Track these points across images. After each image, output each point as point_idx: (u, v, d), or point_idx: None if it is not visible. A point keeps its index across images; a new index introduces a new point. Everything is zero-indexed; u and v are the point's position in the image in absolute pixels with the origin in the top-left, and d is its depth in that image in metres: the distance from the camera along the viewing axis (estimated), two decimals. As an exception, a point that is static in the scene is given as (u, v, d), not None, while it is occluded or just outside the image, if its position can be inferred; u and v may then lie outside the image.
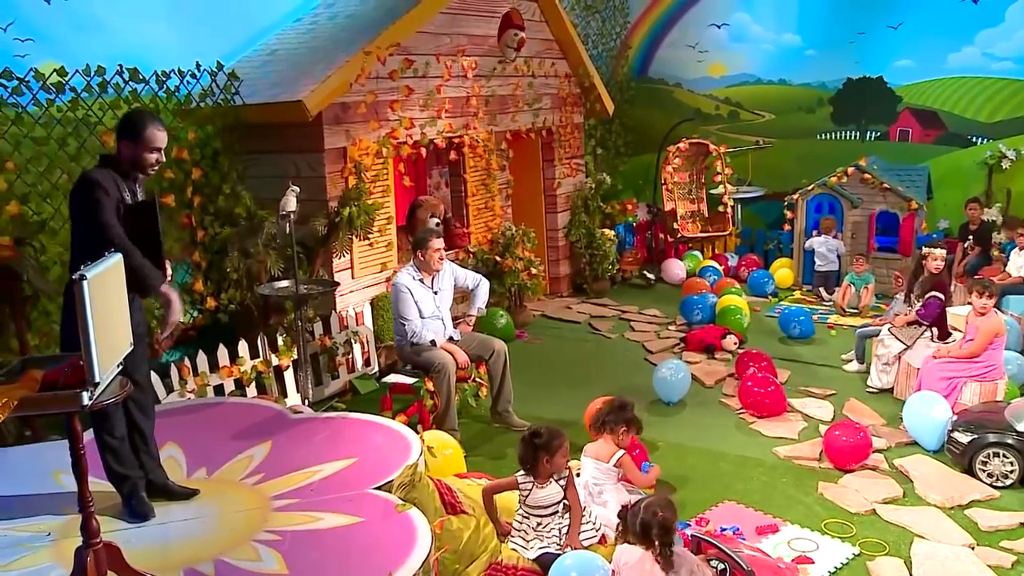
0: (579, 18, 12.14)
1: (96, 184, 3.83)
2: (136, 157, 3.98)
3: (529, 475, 4.40)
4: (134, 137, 3.96)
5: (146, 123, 4.00)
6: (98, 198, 3.79)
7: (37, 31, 7.00)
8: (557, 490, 4.38)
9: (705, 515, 4.97)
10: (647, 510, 3.67)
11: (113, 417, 4.16)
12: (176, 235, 6.70)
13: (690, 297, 9.00)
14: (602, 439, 4.85)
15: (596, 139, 11.72)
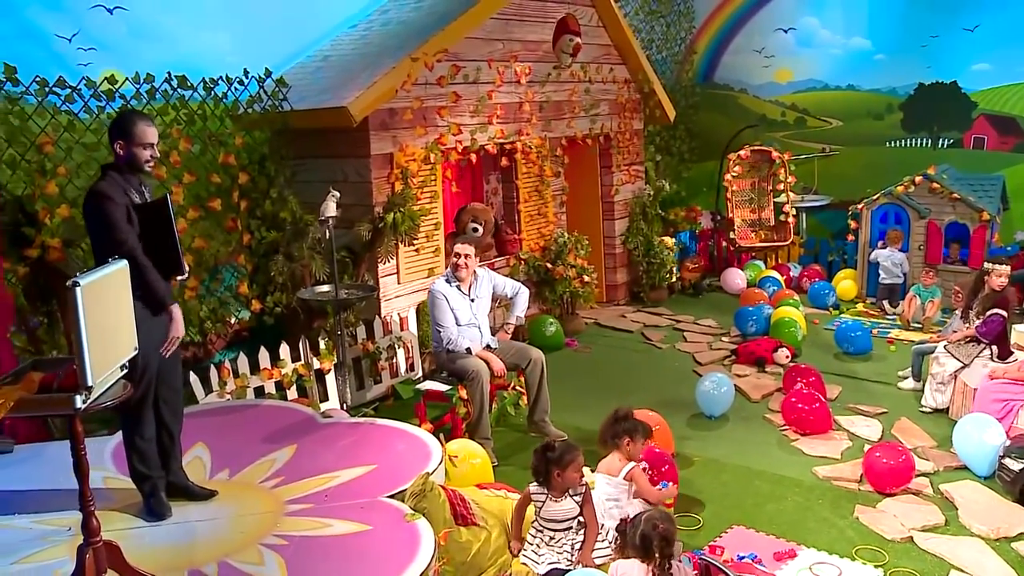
0: (643, 22, 12.00)
1: (103, 196, 3.94)
2: (130, 156, 4.09)
3: (543, 488, 4.33)
4: (125, 136, 4.08)
5: (135, 120, 4.14)
6: (108, 211, 3.91)
7: (100, 40, 7.26)
8: (572, 505, 4.29)
9: (720, 539, 4.80)
10: (647, 522, 3.57)
11: (144, 419, 4.27)
12: (223, 238, 6.84)
13: (745, 308, 8.77)
14: (612, 454, 4.69)
15: (656, 145, 11.52)
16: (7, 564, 3.87)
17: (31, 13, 6.92)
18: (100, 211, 3.95)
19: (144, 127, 4.15)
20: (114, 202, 3.97)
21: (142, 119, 4.19)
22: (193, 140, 6.55)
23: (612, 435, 4.66)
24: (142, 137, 4.13)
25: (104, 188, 4.02)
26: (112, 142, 4.13)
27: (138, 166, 4.15)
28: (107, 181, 4.07)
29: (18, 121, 5.67)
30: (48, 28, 6.97)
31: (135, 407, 4.21)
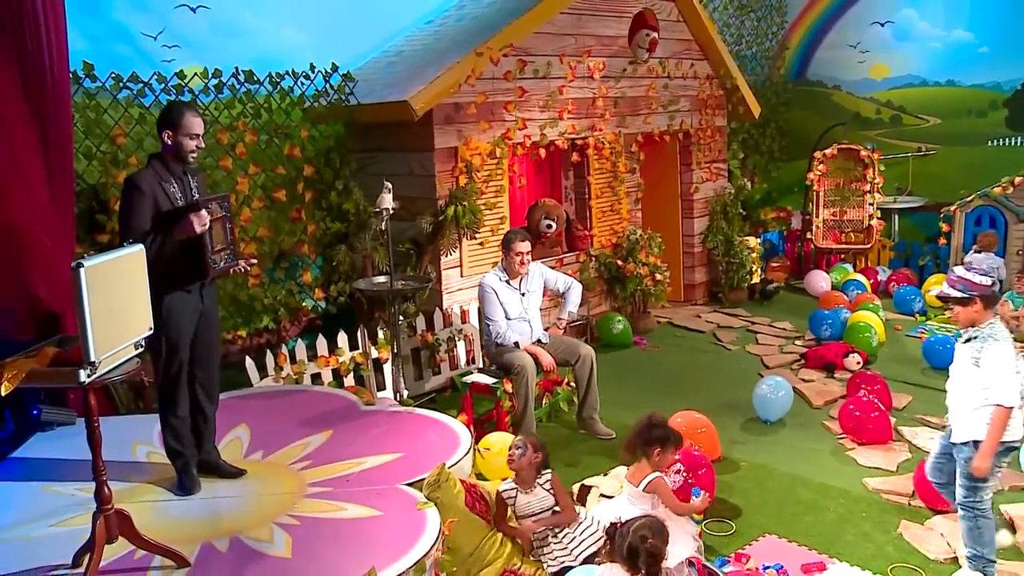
0: (732, 18, 11.72)
1: (132, 184, 4.13)
2: (177, 145, 4.22)
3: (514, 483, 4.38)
4: (172, 126, 4.21)
5: (183, 111, 4.26)
6: (132, 199, 4.08)
7: (183, 37, 7.59)
8: (544, 495, 4.34)
9: (749, 547, 4.65)
10: (635, 534, 3.47)
11: (178, 397, 4.46)
12: (287, 228, 7.07)
13: (820, 311, 8.46)
14: (641, 462, 4.53)
15: (739, 143, 11.20)
16: (46, 526, 4.11)
17: (119, 14, 7.30)
18: (126, 197, 4.14)
19: (191, 117, 4.28)
20: (141, 192, 4.12)
21: (189, 110, 4.33)
22: (259, 132, 6.78)
23: (644, 442, 4.49)
24: (189, 127, 4.26)
25: (136, 178, 4.20)
26: (160, 131, 4.27)
27: (183, 156, 4.29)
28: (145, 171, 4.25)
29: (94, 114, 6.00)
30: (135, 27, 7.34)
31: (169, 386, 4.40)
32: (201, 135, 4.33)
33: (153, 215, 4.12)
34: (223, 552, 3.82)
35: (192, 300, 4.38)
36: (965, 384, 4.19)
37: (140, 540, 3.61)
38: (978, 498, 4.15)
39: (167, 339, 4.23)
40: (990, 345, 4.05)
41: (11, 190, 4.85)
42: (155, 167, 4.26)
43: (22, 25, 5.00)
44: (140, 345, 3.57)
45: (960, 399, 4.22)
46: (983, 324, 4.12)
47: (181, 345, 4.31)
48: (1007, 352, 4.03)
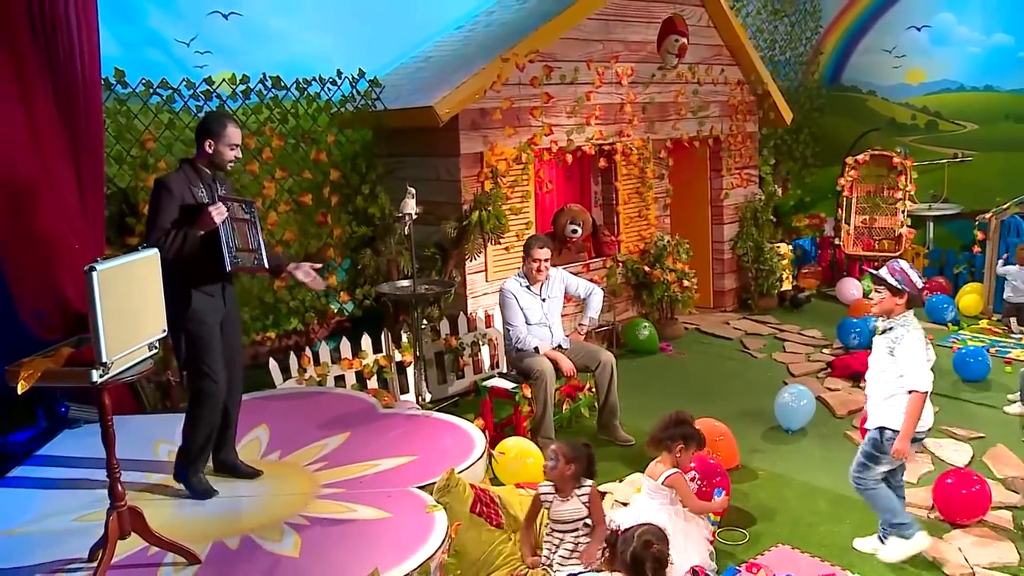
0: (766, 23, 11.62)
1: (161, 185, 4.24)
2: (216, 154, 4.35)
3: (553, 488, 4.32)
4: (214, 135, 4.34)
5: (225, 122, 4.40)
6: (161, 199, 4.19)
7: (216, 44, 7.74)
8: (579, 506, 4.26)
9: (762, 556, 4.62)
10: (639, 539, 3.48)
11: None
12: (314, 232, 7.17)
13: (848, 319, 8.36)
14: (660, 457, 4.54)
15: (770, 148, 11.08)
16: (68, 520, 4.23)
17: (154, 22, 7.47)
18: (155, 198, 4.26)
19: (233, 128, 4.44)
20: (171, 193, 4.25)
21: (231, 121, 4.49)
22: (286, 137, 6.89)
23: (667, 437, 4.48)
24: (231, 138, 4.41)
25: (166, 179, 4.34)
26: (201, 139, 4.41)
27: (220, 164, 4.44)
28: (175, 174, 4.39)
29: (125, 120, 6.15)
30: (168, 34, 7.50)
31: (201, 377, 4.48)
32: (240, 145, 4.47)
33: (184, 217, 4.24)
34: (233, 550, 3.90)
35: (215, 302, 4.47)
36: (881, 373, 4.48)
37: (152, 537, 3.70)
38: (867, 476, 4.53)
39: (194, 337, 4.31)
40: (904, 336, 4.34)
41: (41, 195, 4.99)
42: (186, 171, 4.39)
43: (55, 34, 5.13)
44: (154, 346, 3.66)
45: (876, 388, 4.52)
46: (898, 316, 4.41)
47: (211, 343, 4.41)
48: (919, 342, 4.33)
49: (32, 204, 4.93)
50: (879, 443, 4.49)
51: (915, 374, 4.30)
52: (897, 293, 4.39)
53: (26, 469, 4.93)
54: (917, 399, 4.31)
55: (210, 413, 4.48)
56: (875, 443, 4.50)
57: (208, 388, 4.43)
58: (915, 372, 4.30)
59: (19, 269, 4.94)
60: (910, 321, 4.40)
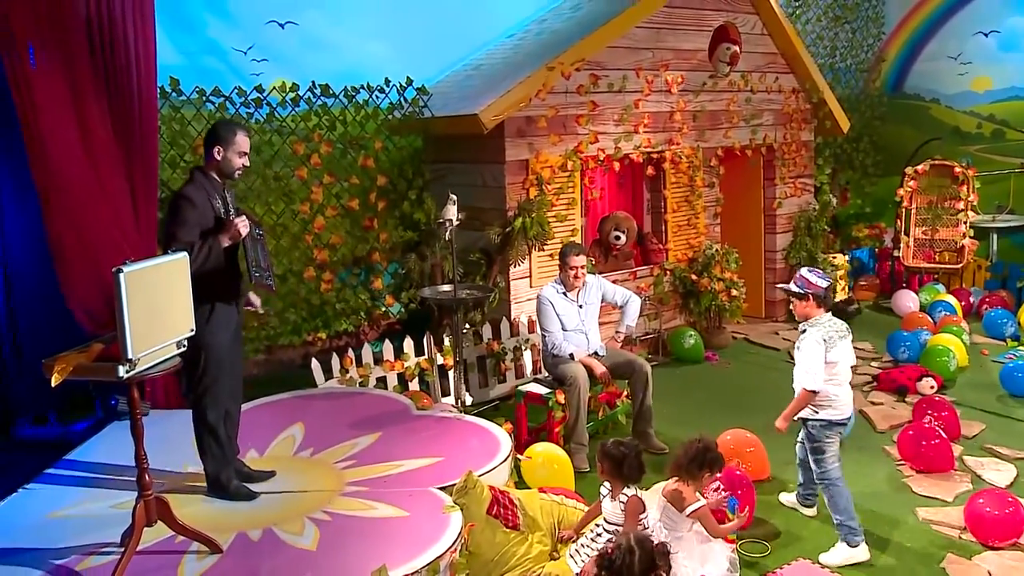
0: (826, 29, 11.44)
1: (183, 196, 4.29)
2: (224, 162, 4.41)
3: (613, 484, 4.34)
4: (224, 142, 4.39)
5: (235, 130, 4.45)
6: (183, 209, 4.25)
7: (272, 52, 8.01)
8: (618, 512, 4.30)
9: (780, 570, 4.60)
10: (641, 546, 3.50)
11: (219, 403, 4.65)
12: (360, 236, 7.36)
13: (899, 332, 8.20)
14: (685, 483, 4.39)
15: (825, 158, 10.91)
16: (107, 507, 4.46)
17: (213, 31, 7.77)
18: (176, 209, 4.29)
19: (243, 136, 4.49)
20: (193, 205, 4.29)
21: (241, 129, 4.53)
22: (333, 144, 7.09)
23: (698, 466, 4.36)
24: (240, 145, 4.46)
25: (187, 190, 4.35)
26: (210, 146, 4.44)
27: (229, 171, 4.48)
28: (193, 184, 4.40)
29: (179, 126, 6.43)
30: (227, 43, 7.79)
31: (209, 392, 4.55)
32: (248, 153, 4.53)
33: (203, 226, 4.32)
34: (255, 542, 4.06)
35: (231, 313, 4.56)
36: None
37: (176, 525, 3.88)
38: (824, 468, 4.85)
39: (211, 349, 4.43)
40: (805, 337, 4.80)
41: (94, 202, 5.26)
42: (201, 181, 4.41)
43: (112, 48, 5.40)
44: (182, 344, 3.85)
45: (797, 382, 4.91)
46: (814, 318, 4.85)
47: (223, 356, 4.50)
48: (817, 344, 4.73)
49: (85, 210, 5.19)
50: (813, 434, 4.90)
51: (805, 373, 4.76)
52: (802, 298, 4.88)
53: (75, 457, 5.19)
54: (803, 395, 4.79)
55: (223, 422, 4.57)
56: (811, 436, 4.92)
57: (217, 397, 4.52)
58: (806, 371, 4.76)
59: (71, 269, 5.21)
60: (820, 322, 4.82)
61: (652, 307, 8.71)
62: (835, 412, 4.85)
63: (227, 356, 4.53)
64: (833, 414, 4.85)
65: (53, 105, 4.92)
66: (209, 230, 4.33)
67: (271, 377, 7.24)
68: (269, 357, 7.68)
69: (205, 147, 4.49)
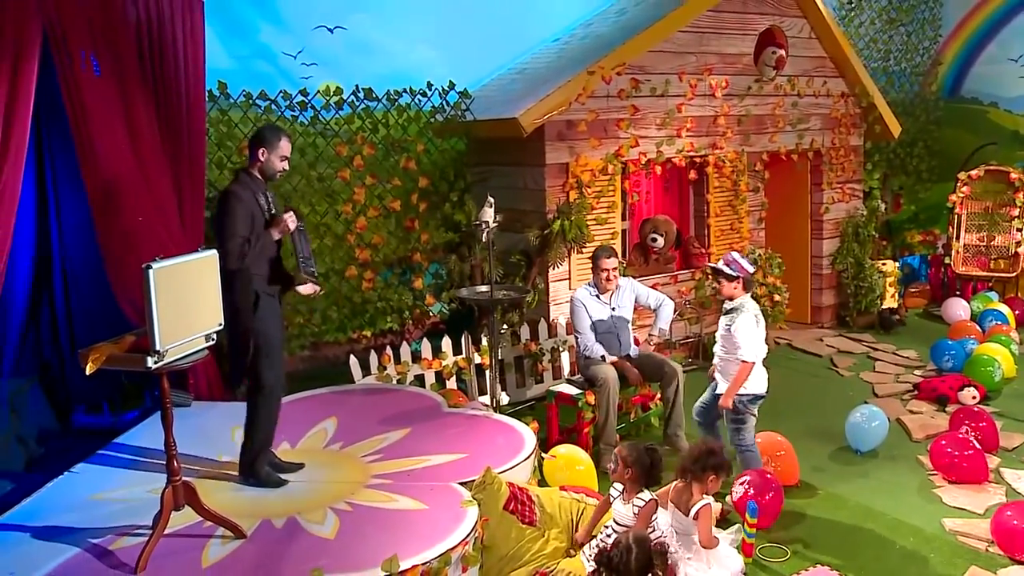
0: (880, 32, 11.26)
1: (232, 195, 4.53)
2: (267, 164, 4.63)
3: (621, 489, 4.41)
4: (268, 145, 4.62)
5: (279, 134, 4.68)
6: (233, 209, 4.47)
7: (321, 56, 8.21)
8: (629, 515, 4.36)
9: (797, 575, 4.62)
10: (639, 546, 3.56)
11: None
12: (401, 235, 7.52)
13: (944, 341, 8.06)
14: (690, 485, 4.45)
15: (874, 162, 10.72)
16: (144, 491, 4.66)
17: (264, 36, 8.01)
18: (226, 207, 4.51)
19: (285, 141, 4.73)
20: (241, 201, 4.53)
21: (285, 134, 4.77)
22: (376, 146, 7.27)
23: (701, 468, 4.43)
24: (283, 150, 4.70)
25: (237, 189, 4.60)
26: (255, 147, 4.67)
27: (270, 173, 4.72)
28: (240, 184, 4.64)
29: (226, 128, 6.66)
30: (277, 48, 8.03)
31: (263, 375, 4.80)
32: (289, 158, 4.76)
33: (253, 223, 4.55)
34: (278, 528, 4.23)
35: (275, 304, 4.78)
36: (725, 347, 5.45)
37: (202, 510, 4.07)
38: (742, 436, 5.44)
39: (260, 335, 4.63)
40: (739, 316, 5.32)
41: (141, 202, 5.51)
42: (246, 180, 4.65)
43: (162, 56, 5.65)
44: (211, 338, 4.03)
45: (727, 361, 5.45)
46: (738, 299, 5.38)
47: (272, 343, 4.72)
48: (752, 321, 5.32)
49: (132, 209, 5.44)
50: (739, 407, 5.39)
51: (747, 347, 5.29)
52: (733, 280, 5.37)
53: (121, 443, 5.44)
54: (746, 367, 5.31)
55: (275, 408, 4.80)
56: (736, 409, 5.39)
57: (270, 383, 4.72)
58: (747, 345, 5.29)
59: (118, 265, 5.46)
60: (746, 303, 5.38)
61: (693, 311, 8.70)
62: (760, 386, 5.43)
63: (275, 344, 4.75)
64: (758, 388, 5.42)
65: (103, 109, 5.17)
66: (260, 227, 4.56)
67: (315, 372, 7.45)
68: (315, 353, 7.88)
69: (250, 148, 4.71)
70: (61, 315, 6.46)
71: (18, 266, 6.11)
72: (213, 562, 3.92)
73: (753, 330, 5.32)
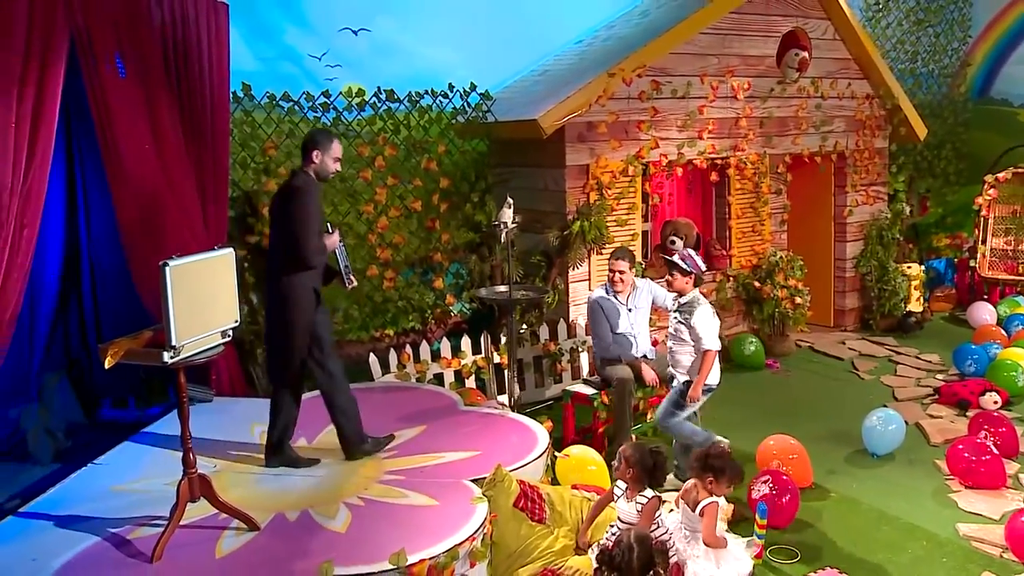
0: (908, 33, 11.16)
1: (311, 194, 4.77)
2: (321, 165, 4.86)
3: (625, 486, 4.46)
4: (323, 148, 4.85)
5: (331, 137, 4.94)
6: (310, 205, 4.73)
7: (345, 58, 8.31)
8: (633, 513, 4.40)
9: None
10: (640, 544, 3.60)
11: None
12: (422, 235, 7.61)
13: (967, 345, 7.99)
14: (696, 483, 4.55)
15: (904, 164, 10.65)
16: (162, 484, 4.77)
17: (290, 38, 8.14)
18: (306, 203, 4.74)
19: (337, 143, 4.99)
20: (315, 199, 4.82)
21: (337, 138, 5.05)
22: (398, 147, 7.36)
23: (700, 468, 4.53)
24: (335, 152, 4.96)
25: (307, 187, 4.83)
26: (309, 150, 4.91)
27: (323, 175, 4.96)
28: (309, 182, 4.86)
29: (250, 129, 6.79)
30: (302, 49, 8.15)
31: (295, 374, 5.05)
32: (341, 159, 5.01)
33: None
34: (291, 522, 4.32)
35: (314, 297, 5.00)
36: (681, 340, 5.65)
37: (217, 502, 4.18)
38: (671, 420, 5.65)
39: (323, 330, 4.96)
40: (696, 308, 5.54)
41: (166, 204, 5.67)
42: (311, 180, 4.89)
43: (186, 59, 5.78)
44: (227, 334, 4.13)
45: (679, 354, 5.67)
46: (688, 294, 5.61)
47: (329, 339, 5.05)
48: (709, 311, 5.58)
49: (156, 211, 5.58)
50: (685, 392, 5.58)
51: (708, 336, 5.48)
52: (686, 274, 5.59)
53: (141, 438, 5.58)
54: (710, 356, 5.48)
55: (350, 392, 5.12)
56: (682, 392, 5.60)
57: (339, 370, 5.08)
58: (708, 335, 5.48)
59: (142, 263, 5.58)
60: (699, 297, 5.63)
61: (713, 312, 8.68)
62: (713, 377, 5.59)
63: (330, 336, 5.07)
64: (712, 380, 5.58)
65: (127, 110, 5.30)
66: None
67: (337, 370, 7.55)
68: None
69: (304, 151, 4.92)
70: (89, 312, 6.62)
71: (48, 264, 6.28)
72: (226, 553, 4.02)
73: (711, 320, 5.53)
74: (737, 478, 4.60)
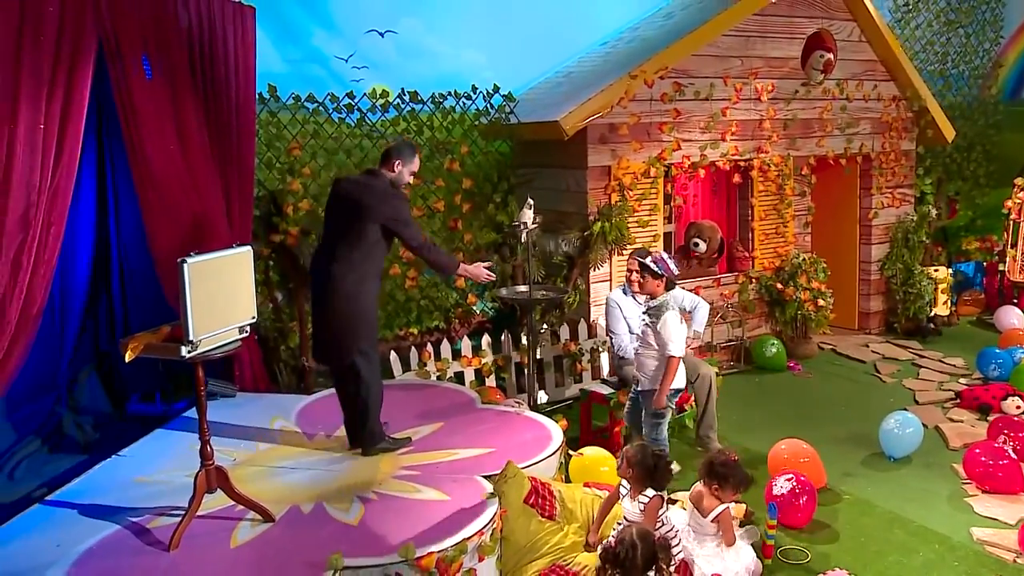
0: (938, 35, 11.05)
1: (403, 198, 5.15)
2: (398, 174, 5.15)
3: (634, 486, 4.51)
4: (404, 158, 5.15)
5: (415, 152, 5.28)
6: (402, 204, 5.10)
7: (372, 60, 8.42)
8: (636, 512, 4.45)
9: (815, 578, 4.65)
10: (643, 540, 3.64)
11: None
12: (444, 235, 7.70)
13: (991, 349, 7.93)
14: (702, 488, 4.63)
15: (934, 167, 10.56)
16: (183, 476, 4.89)
17: (317, 40, 8.26)
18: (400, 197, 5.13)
19: (418, 159, 5.31)
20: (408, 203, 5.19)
21: (418, 154, 5.36)
22: (421, 148, 7.44)
23: (706, 474, 4.61)
24: (415, 165, 5.29)
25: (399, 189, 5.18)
26: (392, 158, 5.18)
27: (399, 183, 5.22)
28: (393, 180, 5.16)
29: (275, 130, 6.92)
30: (329, 51, 8.27)
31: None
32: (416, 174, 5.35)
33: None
34: (305, 514, 4.43)
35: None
36: (648, 344, 5.56)
37: (233, 493, 4.29)
38: (657, 433, 5.58)
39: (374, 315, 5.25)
40: (667, 313, 5.44)
41: (191, 204, 5.77)
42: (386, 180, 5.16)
43: (212, 60, 5.91)
44: (244, 330, 4.24)
45: (645, 357, 5.58)
46: (659, 297, 5.51)
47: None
48: (677, 318, 5.46)
49: (182, 211, 5.71)
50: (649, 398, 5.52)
51: (675, 342, 5.41)
52: (658, 277, 5.50)
53: (165, 431, 5.73)
54: (674, 362, 5.42)
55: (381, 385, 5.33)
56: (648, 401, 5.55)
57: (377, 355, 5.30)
58: (675, 341, 5.41)
59: (167, 263, 5.71)
60: (669, 303, 5.50)
61: (735, 315, 8.71)
62: (679, 380, 5.55)
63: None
64: (678, 383, 5.55)
65: (154, 112, 5.44)
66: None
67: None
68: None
69: (386, 157, 5.21)
70: (118, 308, 6.78)
71: (78, 262, 6.45)
72: (241, 543, 4.13)
73: (679, 326, 5.46)
74: (743, 485, 4.64)
